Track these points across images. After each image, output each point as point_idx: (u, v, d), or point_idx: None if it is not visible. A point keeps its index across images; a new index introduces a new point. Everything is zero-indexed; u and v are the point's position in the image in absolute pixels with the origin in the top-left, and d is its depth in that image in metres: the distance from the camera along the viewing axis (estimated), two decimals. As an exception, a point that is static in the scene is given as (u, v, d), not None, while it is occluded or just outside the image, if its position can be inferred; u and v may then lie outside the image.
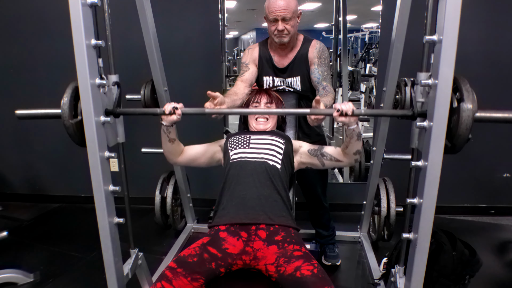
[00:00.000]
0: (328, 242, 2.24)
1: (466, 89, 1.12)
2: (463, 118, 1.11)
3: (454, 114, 1.15)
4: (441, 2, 1.11)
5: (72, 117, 1.32)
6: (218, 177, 1.62)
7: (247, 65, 1.94)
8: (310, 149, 1.62)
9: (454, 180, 2.74)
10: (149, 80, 1.99)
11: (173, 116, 1.44)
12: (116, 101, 1.44)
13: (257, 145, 1.58)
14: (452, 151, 1.19)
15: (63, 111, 1.31)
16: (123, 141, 1.56)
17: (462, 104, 1.11)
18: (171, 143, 1.58)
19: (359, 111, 1.35)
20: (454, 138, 1.15)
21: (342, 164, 1.60)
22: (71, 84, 1.33)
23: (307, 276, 1.18)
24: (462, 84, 1.13)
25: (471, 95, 1.11)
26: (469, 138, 1.14)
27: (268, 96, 1.75)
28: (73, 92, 1.32)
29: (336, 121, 1.36)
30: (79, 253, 2.35)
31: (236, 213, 1.42)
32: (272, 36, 1.83)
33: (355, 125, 1.40)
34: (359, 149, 1.49)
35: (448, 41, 1.08)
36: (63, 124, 1.32)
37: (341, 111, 1.33)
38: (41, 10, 2.80)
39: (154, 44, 1.86)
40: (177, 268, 1.23)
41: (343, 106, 1.34)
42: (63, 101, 1.30)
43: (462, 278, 1.64)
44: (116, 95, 1.45)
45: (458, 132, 1.13)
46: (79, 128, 1.32)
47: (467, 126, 1.12)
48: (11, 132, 3.12)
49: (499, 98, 2.66)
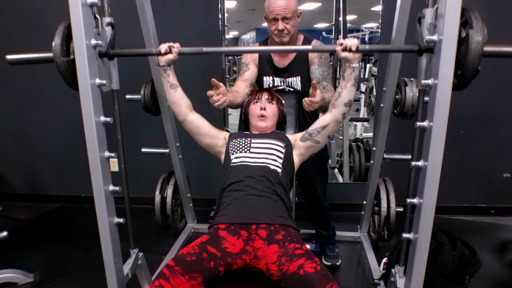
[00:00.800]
0: (328, 242, 2.24)
1: (475, 17, 1.06)
2: (473, 46, 1.05)
3: (462, 44, 1.09)
4: (441, 2, 1.11)
5: (64, 55, 1.26)
6: (218, 177, 1.62)
7: (247, 65, 1.94)
8: (301, 137, 1.62)
9: (454, 180, 2.74)
10: (149, 80, 1.99)
11: (169, 55, 1.42)
12: (110, 42, 1.39)
13: (258, 149, 1.58)
14: (461, 85, 1.13)
15: (55, 50, 1.25)
16: (117, 88, 1.50)
17: (471, 32, 1.05)
18: (173, 89, 1.55)
19: (364, 47, 1.31)
20: (463, 68, 1.09)
21: (330, 127, 1.51)
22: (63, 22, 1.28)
23: (310, 273, 1.18)
24: (471, 12, 1.08)
25: (480, 23, 1.06)
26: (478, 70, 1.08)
27: (269, 93, 1.75)
28: (65, 29, 1.26)
29: (339, 56, 1.33)
30: (79, 253, 2.35)
31: (236, 212, 1.42)
32: (272, 35, 1.83)
33: (357, 64, 1.36)
34: (351, 98, 1.44)
35: (448, 41, 1.08)
36: (55, 63, 1.27)
37: (345, 45, 1.31)
38: (41, 10, 2.80)
39: (154, 44, 1.86)
40: (175, 266, 1.23)
41: (347, 41, 1.31)
42: (55, 39, 1.25)
43: (462, 278, 1.64)
44: (111, 37, 1.40)
45: (467, 62, 1.07)
46: (72, 67, 1.27)
47: (476, 54, 1.05)
48: (11, 132, 3.12)
49: (499, 98, 2.67)
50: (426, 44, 1.19)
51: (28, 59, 1.34)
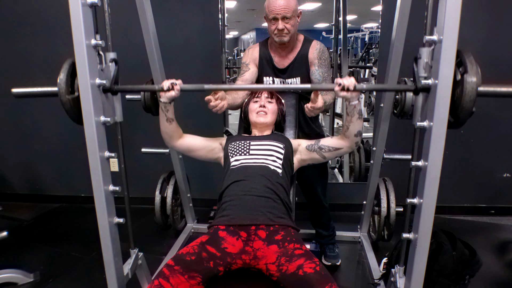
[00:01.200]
0: (328, 242, 2.24)
1: (470, 61, 1.09)
2: (467, 90, 1.08)
3: (457, 87, 1.12)
4: (441, 2, 1.11)
5: (69, 93, 1.29)
6: (218, 177, 1.62)
7: (247, 65, 1.94)
8: (308, 145, 1.62)
9: (454, 180, 2.74)
10: (149, 80, 1.99)
11: (171, 92, 1.42)
12: (114, 78, 1.40)
13: (257, 151, 1.58)
14: (455, 124, 1.16)
15: (60, 87, 1.27)
16: (121, 120, 1.52)
17: (466, 76, 1.08)
18: (169, 123, 1.55)
19: (361, 86, 1.33)
20: (458, 110, 1.12)
21: (342, 151, 1.55)
22: (68, 59, 1.30)
23: (310, 274, 1.18)
24: (466, 56, 1.10)
25: (475, 67, 1.08)
26: (472, 111, 1.10)
27: (269, 92, 1.76)
28: (70, 68, 1.29)
29: (337, 96, 1.35)
30: (79, 253, 2.35)
31: (236, 213, 1.41)
32: (272, 35, 1.83)
33: (357, 101, 1.38)
34: (360, 129, 1.46)
35: (448, 39, 1.08)
36: (60, 100, 1.29)
37: (343, 85, 1.32)
38: (41, 10, 2.80)
39: (154, 44, 1.86)
40: (175, 266, 1.23)
41: (345, 80, 1.33)
42: (60, 76, 1.27)
43: (462, 278, 1.64)
44: (114, 72, 1.42)
45: (462, 105, 1.10)
46: (76, 104, 1.29)
47: (471, 98, 1.08)
48: (11, 132, 3.12)
49: (499, 98, 2.66)
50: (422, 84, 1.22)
51: (33, 93, 1.37)
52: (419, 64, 1.27)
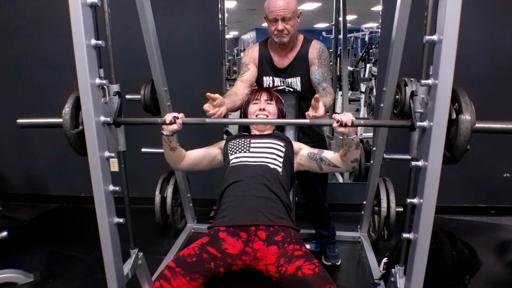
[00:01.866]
0: (328, 242, 2.24)
1: (465, 101, 1.13)
2: (462, 130, 1.12)
3: (452, 125, 1.16)
4: (441, 2, 1.11)
5: (74, 127, 1.33)
6: (218, 177, 1.62)
7: (247, 65, 1.94)
8: (310, 153, 1.62)
9: (454, 180, 2.74)
10: (149, 80, 1.99)
11: (174, 126, 1.44)
12: (117, 111, 1.45)
13: (257, 149, 1.58)
14: (451, 161, 1.21)
15: (64, 121, 1.32)
16: (124, 149, 1.57)
17: (461, 116, 1.12)
18: (173, 151, 1.59)
19: (358, 122, 1.36)
20: (453, 149, 1.16)
21: (339, 170, 1.60)
22: (72, 94, 1.34)
23: (308, 275, 1.18)
24: (460, 95, 1.14)
25: (470, 107, 1.12)
26: (467, 149, 1.15)
27: (268, 93, 1.76)
28: (74, 102, 1.33)
29: (336, 131, 1.38)
30: (79, 253, 2.35)
31: (236, 214, 1.41)
32: (272, 36, 1.83)
33: (355, 135, 1.41)
34: (357, 157, 1.50)
35: (448, 41, 1.08)
36: (65, 134, 1.33)
37: (341, 121, 1.34)
38: (41, 10, 2.80)
39: (154, 44, 1.86)
40: (176, 268, 1.23)
41: (343, 116, 1.35)
42: (64, 111, 1.32)
43: (462, 278, 1.64)
44: (117, 105, 1.46)
45: (456, 144, 1.14)
46: (81, 137, 1.34)
47: (465, 138, 1.13)
48: (11, 132, 3.12)
49: (499, 98, 2.67)
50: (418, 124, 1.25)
51: (38, 124, 1.42)
52: (415, 100, 1.32)
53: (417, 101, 1.33)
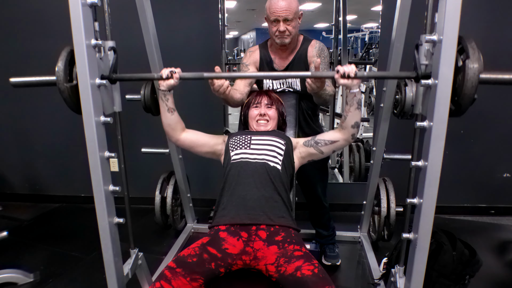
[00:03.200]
0: (328, 242, 2.24)
1: (472, 47, 1.08)
2: (469, 76, 1.07)
3: (459, 73, 1.11)
4: (441, 2, 1.11)
5: (67, 81, 1.28)
6: (218, 177, 1.62)
7: (247, 65, 1.94)
8: (305, 141, 1.61)
9: (454, 180, 2.74)
10: (149, 80, 1.99)
11: (170, 80, 1.42)
12: (113, 67, 1.40)
13: (258, 145, 1.58)
14: (457, 112, 1.15)
15: (58, 75, 1.27)
16: (120, 110, 1.51)
17: (468, 62, 1.07)
18: (170, 113, 1.55)
19: (362, 73, 1.32)
20: (460, 97, 1.11)
21: (339, 144, 1.53)
22: (65, 48, 1.29)
23: (307, 276, 1.18)
24: (467, 42, 1.09)
25: (477, 53, 1.07)
26: (474, 98, 1.10)
27: (269, 97, 1.75)
28: (68, 56, 1.28)
29: (338, 84, 1.34)
30: (79, 253, 2.35)
31: (237, 213, 1.41)
32: (273, 37, 1.83)
33: (357, 89, 1.37)
34: (357, 120, 1.45)
35: (448, 41, 1.08)
36: (58, 88, 1.28)
37: (343, 72, 1.32)
38: (41, 10, 2.80)
39: (154, 44, 1.86)
40: (177, 268, 1.23)
41: (345, 67, 1.32)
42: (58, 65, 1.26)
43: (462, 278, 1.64)
44: (113, 61, 1.41)
45: (463, 91, 1.09)
46: (74, 92, 1.29)
47: (473, 84, 1.07)
48: (11, 132, 3.12)
49: (499, 99, 2.67)
50: (423, 71, 1.21)
51: (31, 82, 1.36)
52: (420, 51, 1.26)
53: (422, 52, 1.25)
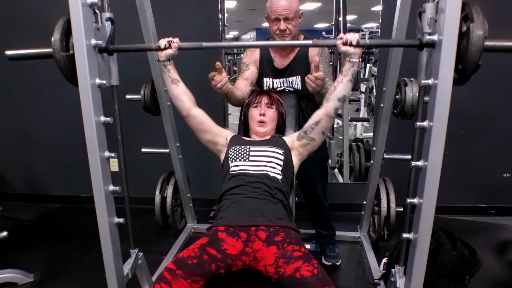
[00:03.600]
0: (328, 242, 2.24)
1: (476, 11, 1.06)
2: (474, 40, 1.05)
3: (463, 38, 1.09)
4: (441, 2, 1.11)
5: (64, 50, 1.26)
6: (218, 177, 1.62)
7: (248, 65, 1.94)
8: (297, 136, 1.62)
9: (454, 180, 2.74)
10: (149, 80, 1.99)
11: (169, 50, 1.42)
12: (110, 38, 1.38)
13: (257, 157, 1.57)
14: (461, 80, 1.13)
15: (54, 45, 1.25)
16: (117, 84, 1.49)
17: (472, 26, 1.05)
18: (175, 84, 1.55)
19: (364, 42, 1.31)
20: (464, 63, 1.09)
21: (323, 123, 1.52)
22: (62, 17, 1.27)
23: (307, 277, 1.17)
24: (472, 7, 1.07)
25: (482, 18, 1.06)
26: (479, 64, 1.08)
27: (269, 97, 1.75)
28: (64, 25, 1.26)
29: (339, 50, 1.33)
30: (79, 253, 2.35)
31: (236, 215, 1.41)
32: (274, 36, 1.83)
33: (356, 60, 1.36)
34: (345, 94, 1.44)
35: (448, 41, 1.08)
36: (54, 58, 1.27)
37: (346, 39, 1.31)
38: (41, 10, 2.80)
39: (154, 44, 1.86)
40: (176, 270, 1.22)
41: (348, 35, 1.32)
42: (54, 35, 1.25)
43: (462, 278, 1.64)
44: (110, 32, 1.39)
45: (468, 56, 1.07)
46: (71, 62, 1.27)
47: (477, 48, 1.05)
48: (11, 132, 3.12)
49: (499, 98, 2.67)
50: (427, 39, 1.18)
51: (27, 55, 1.33)
52: (423, 19, 1.23)
53: (425, 19, 1.21)
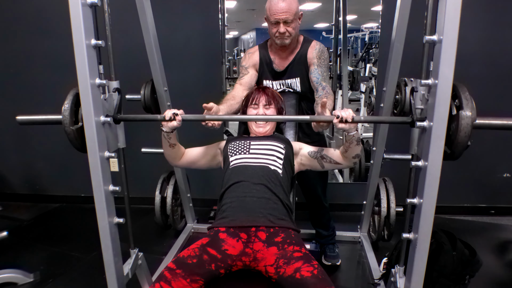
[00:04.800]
0: (328, 242, 2.24)
1: (465, 97, 1.13)
2: (462, 126, 1.12)
3: (453, 121, 1.16)
4: (441, 2, 1.11)
5: (73, 124, 1.33)
6: (218, 177, 1.62)
7: (247, 68, 1.93)
8: (311, 151, 1.62)
9: (454, 180, 2.74)
10: (149, 80, 1.99)
11: (173, 122, 1.45)
12: (117, 107, 1.45)
13: (258, 150, 1.57)
14: (451, 157, 1.20)
15: (64, 118, 1.32)
16: (124, 147, 1.57)
17: (461, 112, 1.12)
18: (172, 148, 1.60)
19: (359, 118, 1.38)
20: (454, 145, 1.16)
21: (340, 167, 1.64)
22: (72, 90, 1.34)
23: (307, 277, 1.17)
24: (461, 91, 1.14)
25: (470, 103, 1.12)
26: (468, 145, 1.15)
27: (267, 96, 1.73)
28: (74, 98, 1.33)
29: (336, 128, 1.37)
30: (79, 253, 2.35)
31: (236, 215, 1.41)
32: (273, 37, 1.82)
33: (355, 131, 1.42)
34: (358, 153, 1.51)
35: (448, 41, 1.08)
36: (64, 130, 1.33)
37: (341, 117, 1.34)
38: (41, 10, 2.80)
39: (154, 44, 1.86)
40: (176, 269, 1.22)
41: (343, 112, 1.35)
42: (64, 107, 1.32)
43: (462, 278, 1.64)
44: (117, 101, 1.47)
45: (457, 140, 1.14)
46: (80, 134, 1.34)
47: (466, 134, 1.13)
48: (11, 132, 3.12)
49: (499, 98, 2.67)
50: (418, 116, 1.26)
51: (37, 120, 1.42)
52: (416, 96, 1.32)
53: (418, 97, 1.33)
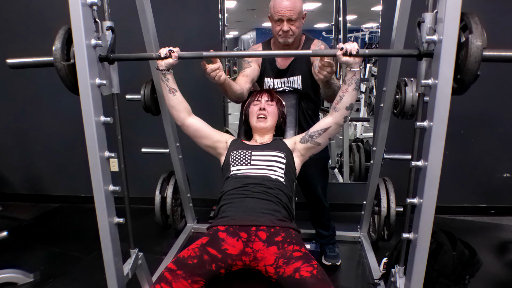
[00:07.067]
0: (328, 242, 2.24)
1: (475, 22, 1.07)
2: (472, 50, 1.05)
3: (462, 48, 1.09)
4: (441, 2, 1.11)
5: (65, 59, 1.27)
6: (218, 177, 1.62)
7: (249, 63, 1.94)
8: (301, 138, 1.62)
9: (454, 180, 2.74)
10: (149, 80, 1.99)
11: (169, 59, 1.42)
12: (111, 47, 1.39)
13: (259, 161, 1.57)
14: (459, 90, 1.13)
15: (55, 53, 1.26)
16: (118, 92, 1.50)
17: (471, 37, 1.05)
18: (172, 94, 1.55)
19: (363, 51, 1.31)
20: (463, 73, 1.09)
21: (331, 130, 1.52)
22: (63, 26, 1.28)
23: (306, 277, 1.17)
24: (470, 18, 1.08)
25: (480, 29, 1.06)
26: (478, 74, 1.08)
27: (269, 94, 1.76)
28: (65, 33, 1.27)
29: (339, 61, 1.33)
30: (79, 253, 2.35)
31: (236, 214, 1.41)
32: (277, 36, 1.83)
33: (358, 68, 1.36)
34: (352, 102, 1.45)
35: (448, 45, 1.08)
36: (55, 67, 1.27)
37: (345, 50, 1.31)
38: (41, 10, 2.80)
39: (154, 44, 1.86)
40: (177, 270, 1.22)
41: (347, 45, 1.31)
42: (55, 44, 1.25)
43: (462, 278, 1.64)
44: (111, 41, 1.40)
45: (467, 66, 1.07)
46: (72, 71, 1.28)
47: (476, 59, 1.05)
48: (11, 132, 3.12)
49: (499, 98, 2.67)
50: (425, 49, 1.19)
51: (28, 63, 1.35)
52: (422, 28, 1.23)
53: (424, 29, 1.22)
